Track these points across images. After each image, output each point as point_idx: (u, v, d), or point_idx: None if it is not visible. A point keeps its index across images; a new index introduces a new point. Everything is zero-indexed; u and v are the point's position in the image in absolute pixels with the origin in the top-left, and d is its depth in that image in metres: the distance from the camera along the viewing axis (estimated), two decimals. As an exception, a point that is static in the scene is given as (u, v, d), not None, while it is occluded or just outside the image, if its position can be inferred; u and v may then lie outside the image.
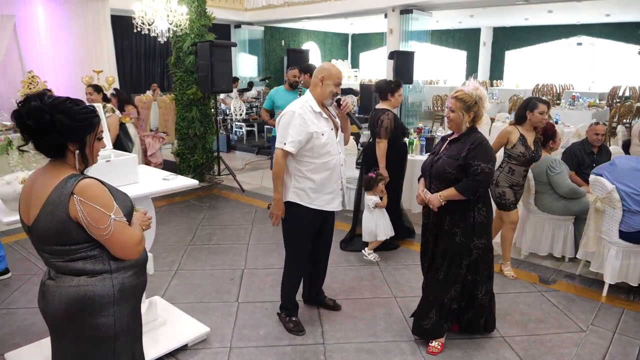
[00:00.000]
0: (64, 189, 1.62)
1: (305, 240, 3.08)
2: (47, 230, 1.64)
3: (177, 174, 3.12)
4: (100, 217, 1.63)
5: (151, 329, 3.00)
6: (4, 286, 3.77)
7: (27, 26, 8.86)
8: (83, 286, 1.67)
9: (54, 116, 1.60)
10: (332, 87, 2.89)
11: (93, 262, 1.70)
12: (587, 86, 14.86)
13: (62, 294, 1.68)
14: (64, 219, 1.62)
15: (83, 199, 1.61)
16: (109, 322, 1.72)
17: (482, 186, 2.72)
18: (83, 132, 1.68)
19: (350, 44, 21.55)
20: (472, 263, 2.82)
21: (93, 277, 1.69)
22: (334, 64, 3.08)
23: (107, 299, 1.70)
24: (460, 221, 2.77)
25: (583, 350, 2.97)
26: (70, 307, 1.68)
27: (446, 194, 2.74)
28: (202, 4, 6.87)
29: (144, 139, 7.41)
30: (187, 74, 6.84)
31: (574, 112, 9.90)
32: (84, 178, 1.66)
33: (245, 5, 14.40)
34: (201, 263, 4.24)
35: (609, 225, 3.65)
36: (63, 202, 1.61)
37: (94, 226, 1.62)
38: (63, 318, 1.70)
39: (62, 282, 1.68)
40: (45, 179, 1.68)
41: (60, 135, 1.63)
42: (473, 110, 2.74)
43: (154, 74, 14.20)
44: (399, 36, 11.10)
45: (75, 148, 1.69)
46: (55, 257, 1.69)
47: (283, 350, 2.97)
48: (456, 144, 2.80)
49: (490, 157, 2.77)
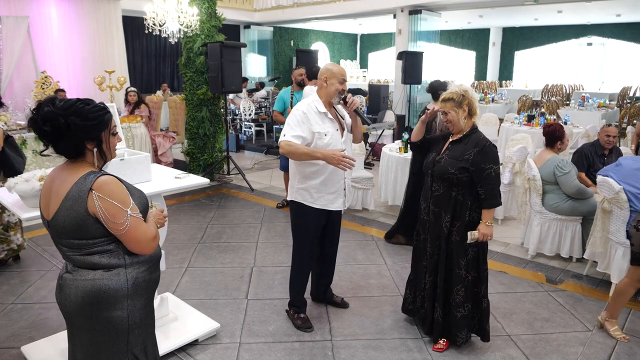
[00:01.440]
0: (83, 185, 1.69)
1: (312, 239, 3.14)
2: (66, 224, 1.71)
3: (188, 173, 3.18)
4: (117, 213, 1.69)
5: (163, 324, 3.07)
6: (20, 282, 3.86)
7: (40, 27, 9.01)
8: (99, 280, 1.73)
9: (67, 119, 1.67)
10: (337, 84, 2.94)
11: (109, 256, 1.76)
12: (597, 87, 14.77)
13: (79, 287, 1.74)
14: (82, 213, 1.68)
15: (101, 195, 1.68)
16: (122, 315, 1.78)
17: (499, 187, 2.79)
18: (98, 130, 1.75)
19: (359, 44, 21.58)
20: (469, 262, 2.84)
21: (108, 271, 1.75)
22: (336, 63, 3.13)
23: (121, 293, 1.76)
24: (456, 220, 2.81)
25: (589, 349, 2.99)
26: (86, 300, 1.74)
27: (487, 217, 2.76)
28: (213, 5, 6.94)
29: (155, 139, 7.51)
30: (198, 74, 6.92)
31: (583, 112, 9.85)
32: (103, 175, 1.73)
33: (254, 6, 14.49)
34: (211, 261, 4.31)
35: (616, 225, 3.66)
36: (82, 197, 1.68)
37: (112, 221, 1.69)
38: (79, 310, 1.77)
39: (79, 276, 1.75)
40: (65, 175, 1.74)
41: (77, 136, 1.70)
42: (465, 104, 2.79)
43: (165, 74, 14.33)
44: (408, 36, 11.12)
45: (93, 146, 1.76)
46: (73, 251, 1.75)
47: (291, 346, 3.02)
48: (458, 145, 2.83)
49: (497, 158, 2.81)
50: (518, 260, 4.33)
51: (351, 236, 4.88)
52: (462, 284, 2.84)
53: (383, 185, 5.66)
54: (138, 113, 7.20)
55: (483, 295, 2.91)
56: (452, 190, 2.81)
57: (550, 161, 4.14)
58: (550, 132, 4.28)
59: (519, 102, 12.06)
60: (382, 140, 8.61)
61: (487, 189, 2.73)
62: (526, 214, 4.53)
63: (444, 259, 2.88)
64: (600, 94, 12.58)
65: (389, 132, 9.04)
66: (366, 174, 5.68)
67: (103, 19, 9.72)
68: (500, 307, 3.49)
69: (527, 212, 4.51)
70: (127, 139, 6.81)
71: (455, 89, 2.85)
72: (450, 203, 2.81)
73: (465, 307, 2.87)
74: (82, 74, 9.50)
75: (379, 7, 11.55)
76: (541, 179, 4.19)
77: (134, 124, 7.02)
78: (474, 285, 2.88)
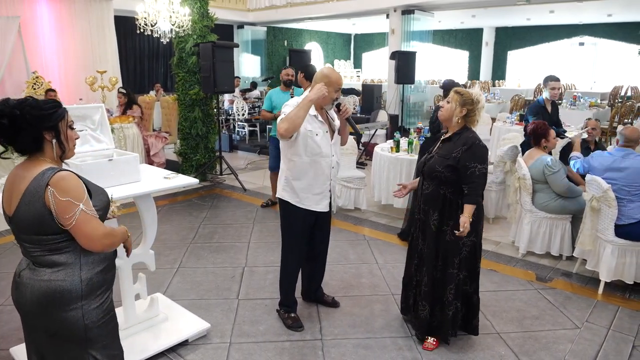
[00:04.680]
0: (41, 181, 1.72)
1: (300, 238, 3.15)
2: (26, 219, 1.74)
3: (178, 173, 3.18)
4: (67, 207, 1.71)
5: (153, 324, 3.07)
6: (8, 283, 3.82)
7: (31, 27, 8.95)
8: (53, 281, 1.77)
9: (22, 110, 1.71)
10: (332, 93, 2.93)
11: (66, 255, 1.79)
12: (589, 86, 14.86)
13: (34, 287, 1.77)
14: (40, 209, 1.72)
15: (55, 190, 1.71)
16: (77, 315, 1.80)
17: (484, 187, 2.80)
18: (54, 119, 1.78)
19: (353, 44, 21.60)
20: (462, 261, 2.84)
21: (63, 270, 1.78)
22: (333, 68, 3.11)
23: (75, 294, 1.78)
24: (449, 219, 2.80)
25: (577, 346, 3.02)
26: (42, 301, 1.77)
27: (468, 212, 2.72)
28: (205, 5, 6.93)
29: (147, 139, 7.49)
30: (190, 75, 6.90)
31: (575, 112, 9.91)
32: (60, 171, 1.76)
33: (248, 6, 14.47)
34: (202, 261, 4.31)
35: (604, 223, 3.69)
36: (39, 193, 1.71)
37: (61, 215, 1.72)
38: (34, 311, 1.80)
39: (36, 275, 1.78)
40: (24, 172, 1.78)
41: (34, 126, 1.73)
42: (467, 107, 2.77)
43: (158, 74, 14.29)
44: (401, 36, 11.14)
45: (52, 137, 1.79)
46: (34, 247, 1.79)
47: (282, 345, 3.02)
48: (448, 143, 2.84)
49: (485, 158, 2.80)
50: (508, 259, 4.35)
51: (343, 235, 4.89)
52: (454, 282, 2.84)
53: (376, 185, 5.67)
54: (130, 113, 7.18)
55: (473, 291, 2.94)
56: (441, 189, 2.81)
57: (540, 160, 4.17)
58: (533, 130, 4.32)
59: (511, 102, 12.10)
60: (375, 139, 8.64)
61: (471, 187, 2.74)
62: (517, 212, 4.55)
63: (433, 257, 2.88)
64: (591, 93, 12.65)
65: (382, 131, 9.07)
66: (358, 173, 5.70)
67: (95, 19, 9.67)
68: (490, 305, 3.51)
69: (517, 211, 4.54)
70: (120, 139, 6.78)
71: (473, 91, 2.82)
72: (438, 201, 2.81)
73: (455, 304, 2.88)
74: (74, 74, 9.45)
75: (372, 7, 11.57)
76: (531, 178, 4.22)
77: (126, 125, 6.99)
78: (464, 283, 2.89)
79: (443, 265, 2.87)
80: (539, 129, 4.26)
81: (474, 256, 2.89)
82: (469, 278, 2.90)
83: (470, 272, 2.90)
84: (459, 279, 2.86)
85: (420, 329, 3.00)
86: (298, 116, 2.80)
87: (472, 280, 2.92)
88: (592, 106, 10.32)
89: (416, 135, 5.65)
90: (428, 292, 2.91)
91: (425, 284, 2.93)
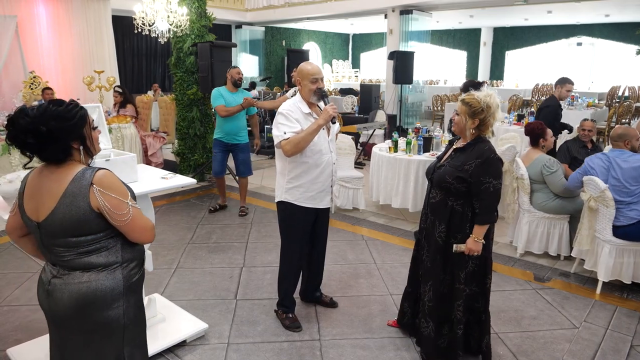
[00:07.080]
0: (83, 181, 1.69)
1: (301, 238, 3.14)
2: (64, 222, 1.69)
3: (175, 173, 3.17)
4: (119, 204, 1.72)
5: (151, 325, 3.04)
6: (6, 284, 3.82)
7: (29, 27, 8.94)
8: (93, 281, 1.74)
9: (48, 125, 1.65)
10: (310, 85, 2.94)
11: (106, 254, 1.77)
12: (586, 86, 14.88)
13: (73, 291, 1.73)
14: (84, 208, 1.69)
15: (102, 188, 1.69)
16: (119, 313, 1.79)
17: (497, 204, 2.60)
18: (79, 128, 1.75)
19: (351, 44, 21.60)
20: (468, 275, 2.65)
21: (102, 271, 1.76)
22: (311, 62, 3.12)
23: (117, 291, 1.78)
24: (456, 232, 2.63)
25: (575, 346, 3.02)
26: (80, 303, 1.73)
27: (477, 232, 2.56)
28: (203, 5, 6.91)
29: (145, 139, 7.47)
30: (188, 74, 6.89)
31: (572, 112, 9.91)
32: (99, 169, 1.75)
33: (246, 6, 14.46)
34: (200, 261, 4.30)
35: (602, 223, 3.70)
36: (83, 192, 1.69)
37: (115, 213, 1.71)
38: (73, 314, 1.75)
39: (71, 279, 1.74)
40: (56, 175, 1.73)
41: (61, 139, 1.69)
42: (479, 117, 2.56)
43: (155, 74, 14.25)
44: (399, 36, 11.14)
45: (79, 145, 1.76)
46: (69, 251, 1.73)
47: (280, 346, 3.02)
48: (462, 154, 2.64)
49: (500, 172, 2.62)
50: (507, 259, 4.35)
51: (341, 236, 4.89)
52: (462, 298, 2.66)
53: (374, 185, 5.67)
54: (123, 113, 7.16)
55: (483, 310, 2.76)
56: (449, 200, 2.63)
57: (538, 160, 4.17)
58: (530, 130, 4.33)
59: (509, 102, 12.12)
60: (373, 139, 8.63)
61: (483, 204, 2.54)
62: (514, 212, 4.55)
63: (439, 271, 2.70)
64: (589, 93, 12.68)
65: (380, 131, 9.07)
66: (356, 173, 5.69)
67: (92, 19, 9.66)
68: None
69: (515, 211, 4.54)
70: (117, 139, 6.77)
71: (480, 96, 2.59)
72: (445, 213, 2.64)
73: (464, 323, 2.71)
74: (71, 74, 9.44)
75: (370, 7, 11.57)
76: (529, 178, 4.22)
77: (124, 125, 6.98)
78: (473, 299, 2.72)
79: (450, 280, 2.70)
80: (537, 129, 4.26)
81: (484, 271, 2.71)
82: (480, 294, 2.73)
83: (481, 288, 2.73)
84: (467, 294, 2.67)
85: (426, 348, 2.83)
86: (306, 141, 2.85)
87: (482, 297, 2.74)
88: (590, 106, 10.34)
89: (414, 135, 5.65)
90: (433, 308, 2.74)
91: (429, 299, 2.75)
